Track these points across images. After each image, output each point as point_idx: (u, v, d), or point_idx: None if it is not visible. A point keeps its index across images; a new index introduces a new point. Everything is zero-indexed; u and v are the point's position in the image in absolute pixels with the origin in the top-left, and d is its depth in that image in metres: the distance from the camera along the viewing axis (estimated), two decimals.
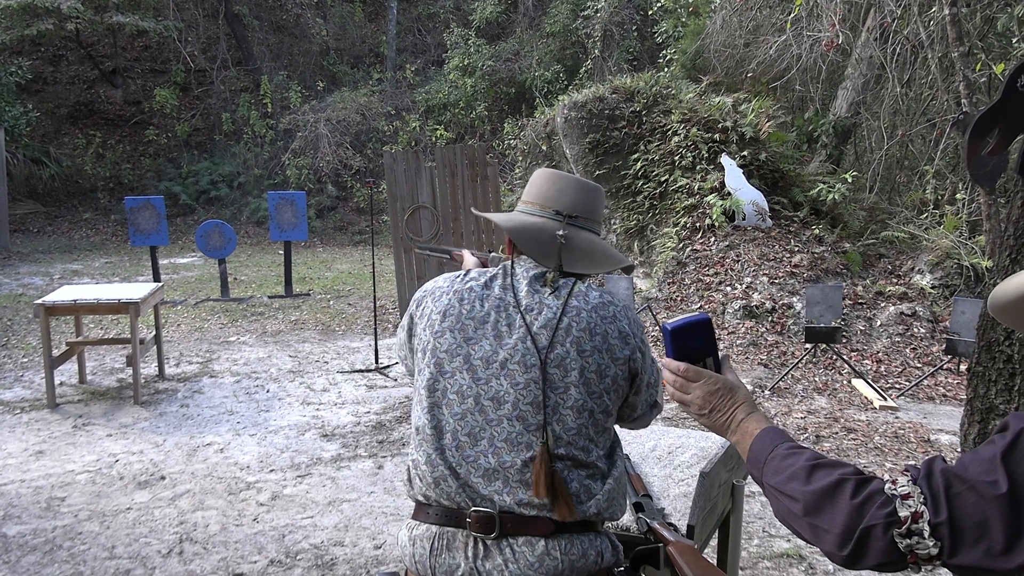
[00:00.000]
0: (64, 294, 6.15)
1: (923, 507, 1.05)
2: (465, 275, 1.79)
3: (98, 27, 17.45)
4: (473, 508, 1.63)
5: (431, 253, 2.72)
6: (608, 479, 1.68)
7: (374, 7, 21.35)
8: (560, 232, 1.77)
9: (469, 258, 2.31)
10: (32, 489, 4.59)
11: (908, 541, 1.05)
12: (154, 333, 6.84)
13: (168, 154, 17.96)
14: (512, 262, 1.80)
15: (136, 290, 6.32)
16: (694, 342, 1.36)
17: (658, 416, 1.89)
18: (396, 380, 6.78)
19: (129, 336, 6.30)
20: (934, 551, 1.04)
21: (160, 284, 6.93)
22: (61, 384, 6.54)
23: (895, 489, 1.08)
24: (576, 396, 1.64)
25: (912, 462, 4.64)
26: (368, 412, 5.99)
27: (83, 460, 5.03)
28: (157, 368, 6.90)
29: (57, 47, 18.95)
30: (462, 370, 1.68)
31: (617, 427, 1.82)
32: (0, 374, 6.89)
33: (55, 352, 6.29)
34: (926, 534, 1.04)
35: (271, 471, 4.88)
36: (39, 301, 5.93)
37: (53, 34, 16.81)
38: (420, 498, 1.71)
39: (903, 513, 1.06)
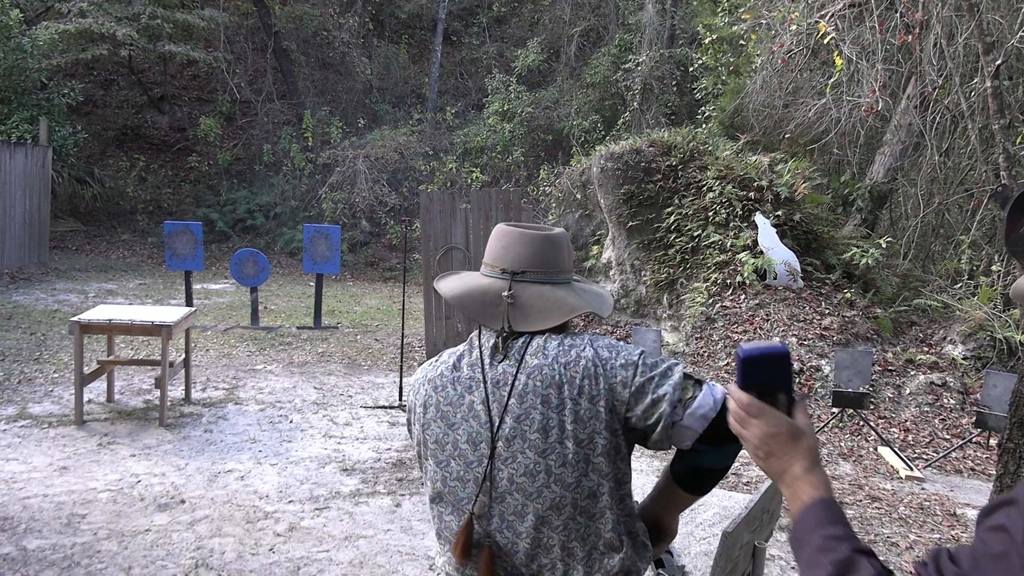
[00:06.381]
0: (99, 313, 6.26)
1: None
2: (436, 360, 1.75)
3: (150, 55, 17.99)
4: None
5: None
6: (620, 552, 1.60)
7: (419, 49, 21.76)
8: (506, 292, 1.68)
9: None
10: (54, 504, 4.64)
11: None
12: (183, 357, 6.92)
13: (208, 181, 18.32)
14: (479, 331, 1.73)
15: (170, 313, 6.41)
16: (765, 374, 1.22)
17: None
18: None
19: (159, 358, 6.39)
20: None
21: (193, 309, 7.02)
22: (89, 402, 6.61)
23: None
24: (569, 449, 1.57)
25: (927, 550, 4.57)
26: (389, 449, 6.00)
27: (106, 479, 5.07)
28: (184, 392, 6.96)
29: (109, 72, 19.50)
30: (454, 457, 1.66)
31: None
32: (31, 388, 7.00)
33: (86, 370, 6.38)
34: None
35: (290, 502, 4.89)
36: (75, 318, 6.04)
37: (107, 59, 17.32)
38: None
39: None
